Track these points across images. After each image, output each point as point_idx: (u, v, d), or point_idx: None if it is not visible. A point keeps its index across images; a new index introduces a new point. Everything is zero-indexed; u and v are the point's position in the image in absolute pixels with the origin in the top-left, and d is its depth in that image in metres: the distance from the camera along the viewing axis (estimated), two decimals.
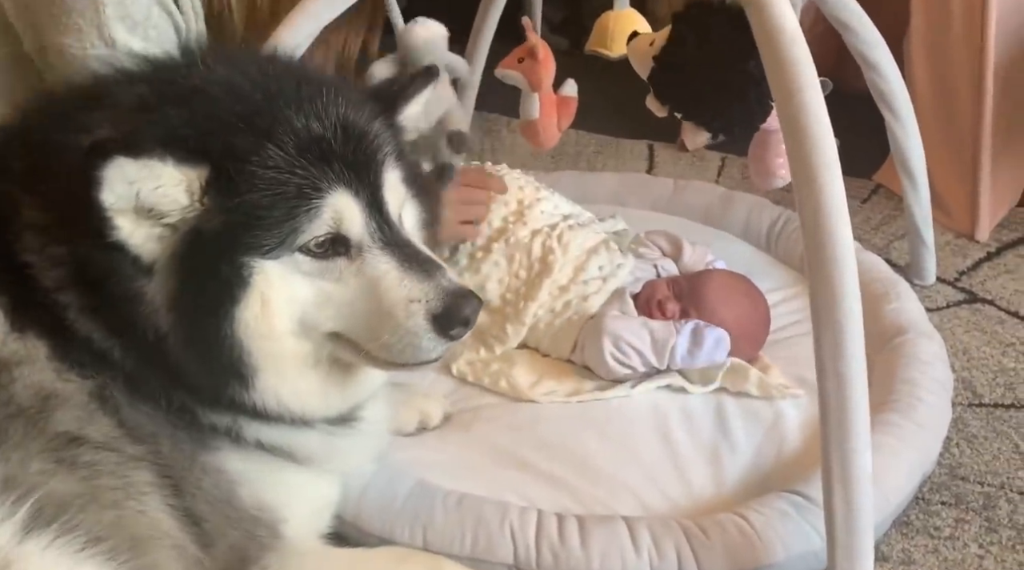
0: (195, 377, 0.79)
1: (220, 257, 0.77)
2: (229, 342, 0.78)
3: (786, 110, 0.87)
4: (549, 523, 0.98)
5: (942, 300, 1.50)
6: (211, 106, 0.79)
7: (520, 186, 1.32)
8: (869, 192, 1.78)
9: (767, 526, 0.97)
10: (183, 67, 0.84)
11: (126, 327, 0.77)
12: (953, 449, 1.20)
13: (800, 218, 0.88)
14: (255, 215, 0.77)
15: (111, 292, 0.76)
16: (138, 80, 0.83)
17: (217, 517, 0.79)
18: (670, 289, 1.26)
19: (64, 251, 0.76)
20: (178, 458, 0.78)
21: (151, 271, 0.77)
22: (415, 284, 0.81)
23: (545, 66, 1.25)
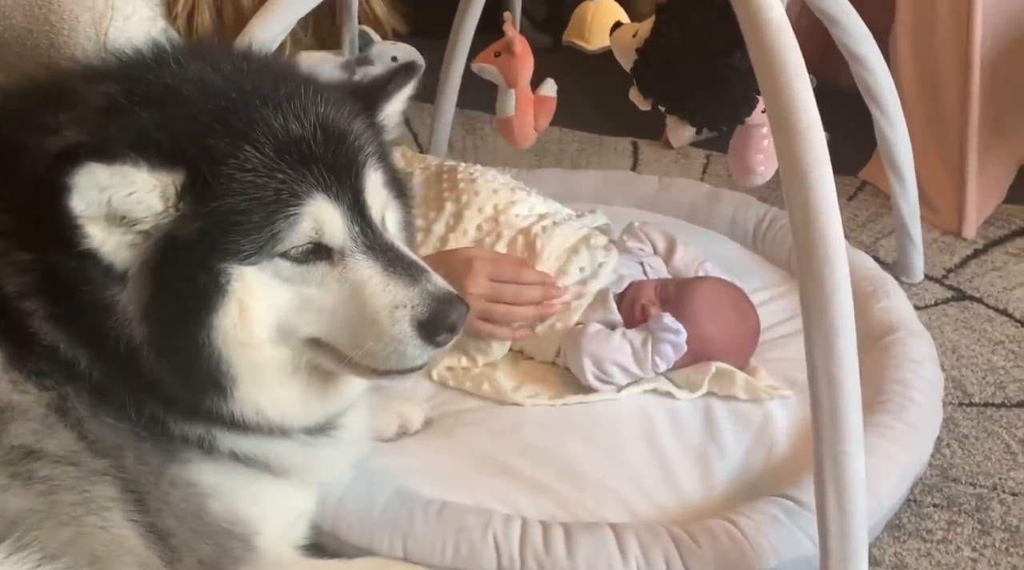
0: (170, 388, 0.75)
1: (196, 264, 0.74)
2: (207, 352, 0.75)
3: (774, 104, 0.84)
4: (534, 531, 0.95)
5: (930, 298, 1.48)
6: (184, 106, 0.75)
7: (494, 189, 1.28)
8: (855, 189, 1.77)
9: (758, 532, 0.95)
10: (153, 64, 0.80)
11: (96, 337, 0.73)
12: (944, 450, 1.18)
13: (789, 215, 0.85)
14: (233, 220, 0.74)
15: (80, 301, 0.72)
16: (105, 78, 0.79)
17: (185, 531, 0.75)
18: (656, 293, 1.22)
19: (29, 257, 0.73)
20: (143, 471, 0.74)
21: (123, 279, 0.73)
22: (400, 289, 0.79)
23: (522, 62, 1.22)
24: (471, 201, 1.25)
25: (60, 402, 0.72)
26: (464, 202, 1.25)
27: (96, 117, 0.74)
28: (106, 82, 0.78)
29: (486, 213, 1.25)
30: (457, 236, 1.23)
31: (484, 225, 1.24)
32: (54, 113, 0.75)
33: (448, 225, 1.24)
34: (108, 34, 1.03)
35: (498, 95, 1.28)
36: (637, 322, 1.19)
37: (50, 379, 0.73)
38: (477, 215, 1.25)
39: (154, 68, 0.79)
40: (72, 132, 0.73)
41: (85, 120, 0.74)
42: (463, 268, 1.14)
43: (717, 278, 1.29)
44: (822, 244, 0.83)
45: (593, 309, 1.21)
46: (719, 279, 1.28)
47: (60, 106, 0.75)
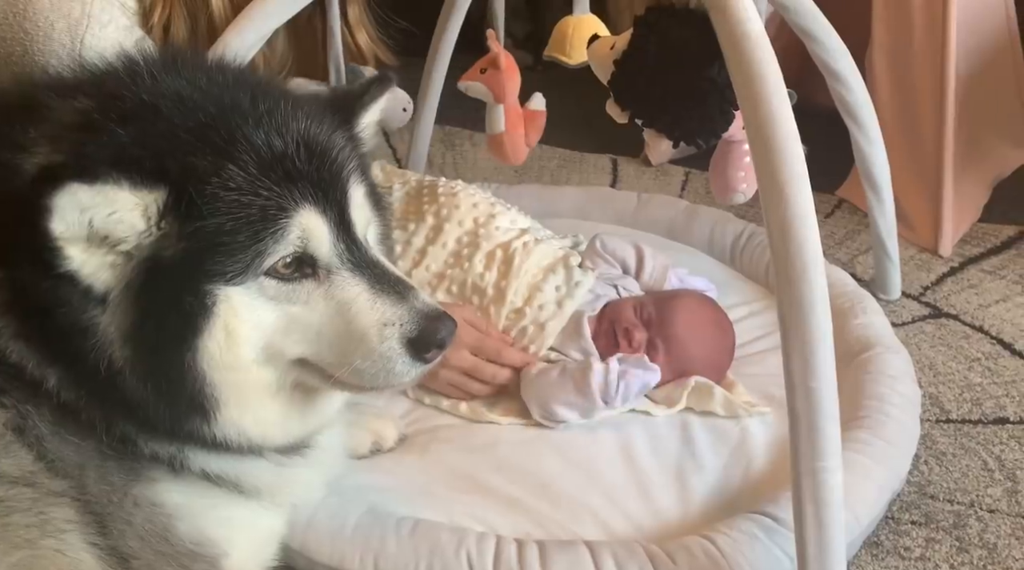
0: (151, 410, 0.73)
1: (181, 286, 0.72)
2: (192, 375, 0.73)
3: (752, 118, 0.84)
4: (508, 549, 0.93)
5: (907, 315, 1.48)
6: (163, 122, 0.73)
7: (474, 204, 1.27)
8: (832, 207, 1.78)
9: (735, 550, 0.94)
10: (127, 78, 0.77)
11: (70, 357, 0.71)
12: (922, 466, 1.18)
13: (767, 229, 0.85)
14: (218, 240, 0.72)
15: (57, 322, 0.70)
16: (78, 91, 0.76)
17: (149, 554, 0.73)
18: (637, 315, 1.19)
19: (1, 275, 0.70)
20: (106, 491, 0.72)
21: (104, 301, 0.71)
22: (388, 307, 0.78)
23: (509, 76, 1.22)
24: (451, 214, 1.24)
25: (19, 421, 0.70)
26: (444, 215, 1.24)
27: (71, 134, 0.72)
28: (79, 96, 0.75)
29: (466, 226, 1.23)
30: (436, 249, 1.22)
31: (464, 237, 1.23)
32: (23, 128, 0.72)
33: (428, 238, 1.23)
34: (84, 42, 1.02)
35: (487, 112, 1.27)
36: (618, 346, 1.17)
37: (9, 397, 0.70)
38: (457, 228, 1.23)
39: (128, 82, 0.77)
40: (45, 150, 0.71)
41: (59, 138, 0.72)
42: None
43: (693, 293, 1.28)
44: (800, 258, 0.83)
45: (567, 333, 1.20)
46: (695, 295, 1.27)
47: (31, 121, 0.73)
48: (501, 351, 1.17)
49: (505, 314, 1.19)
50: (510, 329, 1.20)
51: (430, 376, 1.14)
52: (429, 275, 1.21)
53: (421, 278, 1.20)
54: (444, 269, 1.21)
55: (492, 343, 1.16)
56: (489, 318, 1.19)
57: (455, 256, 1.22)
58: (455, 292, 1.20)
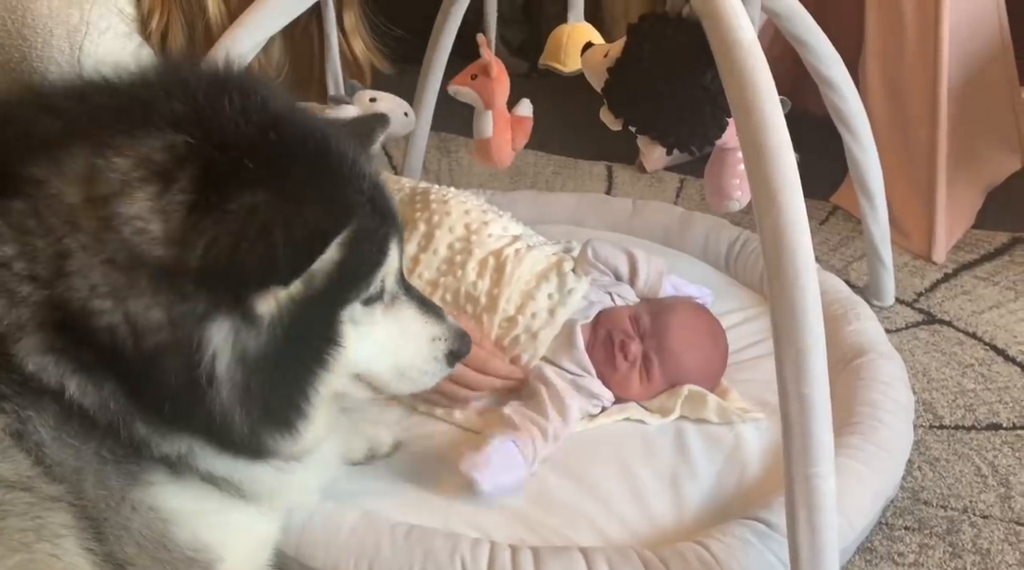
0: (233, 425, 0.73)
1: (315, 316, 0.74)
2: (301, 397, 0.76)
3: (744, 125, 0.85)
4: (502, 555, 0.93)
5: (901, 321, 1.49)
6: (315, 160, 0.74)
7: (466, 210, 1.26)
8: (827, 214, 1.78)
9: (729, 555, 0.94)
10: (229, 111, 0.72)
11: (127, 371, 0.69)
12: (915, 472, 1.18)
13: (760, 235, 0.85)
14: (352, 271, 0.76)
15: (159, 341, 0.68)
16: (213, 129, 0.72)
17: (146, 560, 0.72)
18: (632, 326, 1.19)
19: (43, 295, 0.67)
20: (103, 496, 0.71)
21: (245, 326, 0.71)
22: (434, 325, 0.89)
23: (499, 83, 1.22)
24: (442, 221, 1.24)
25: (18, 426, 0.69)
26: (435, 222, 1.24)
27: (277, 172, 0.70)
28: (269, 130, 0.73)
29: (457, 233, 1.23)
30: (428, 256, 1.22)
31: (456, 244, 1.22)
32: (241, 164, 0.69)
33: (420, 245, 1.23)
34: (83, 48, 1.02)
35: (474, 117, 1.27)
36: (614, 356, 1.17)
37: (9, 403, 0.69)
38: (448, 235, 1.23)
39: (241, 120, 0.73)
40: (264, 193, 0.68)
41: (271, 174, 0.69)
42: None
43: (688, 303, 1.27)
44: (792, 264, 0.83)
45: (560, 342, 1.19)
46: (690, 305, 1.26)
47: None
48: (487, 361, 1.17)
49: (498, 323, 1.19)
50: (503, 338, 1.19)
51: None
52: (422, 283, 1.21)
53: (415, 286, 1.20)
54: (437, 277, 1.21)
55: (480, 352, 1.16)
56: (482, 327, 1.19)
57: (448, 263, 1.21)
58: (449, 300, 1.20)
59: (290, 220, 0.65)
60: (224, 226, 0.65)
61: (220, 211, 0.65)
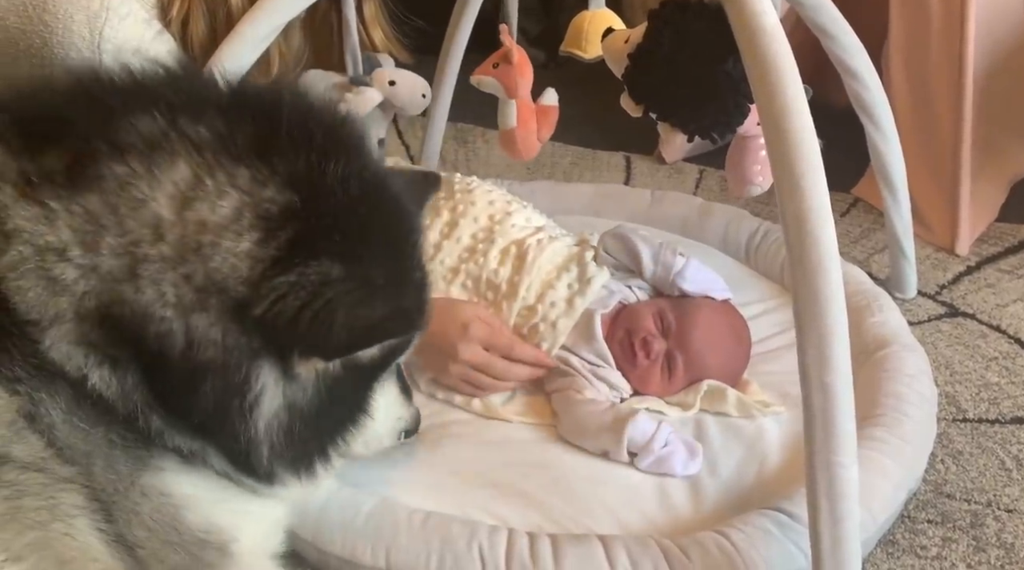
0: (256, 457, 0.75)
1: (354, 385, 0.77)
2: (332, 448, 0.80)
3: (767, 111, 0.84)
4: (520, 542, 0.92)
5: (923, 314, 1.47)
6: (394, 246, 0.76)
7: (491, 201, 1.26)
8: (848, 205, 1.77)
9: (749, 545, 0.93)
10: (335, 175, 0.72)
11: (166, 381, 0.69)
12: (938, 465, 1.16)
13: (782, 222, 0.84)
14: (390, 357, 0.80)
15: (210, 358, 0.68)
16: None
17: (156, 543, 0.72)
18: (656, 324, 1.17)
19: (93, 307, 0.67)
20: (112, 480, 0.71)
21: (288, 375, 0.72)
22: (404, 407, 0.98)
23: (521, 71, 1.21)
24: (467, 210, 1.24)
25: (31, 408, 0.68)
26: (460, 211, 1.24)
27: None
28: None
29: (481, 223, 1.23)
30: (451, 243, 1.21)
31: (479, 233, 1.22)
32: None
33: (442, 233, 1.23)
34: (103, 34, 1.02)
35: (499, 107, 1.26)
36: (636, 356, 1.15)
37: (24, 385, 0.69)
38: (472, 224, 1.23)
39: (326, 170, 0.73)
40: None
41: (354, 250, 0.71)
42: (458, 331, 1.14)
43: (711, 301, 1.23)
44: (815, 251, 0.82)
45: (579, 332, 1.19)
46: (713, 304, 1.23)
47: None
48: (513, 347, 1.16)
49: (517, 310, 1.19)
50: (522, 326, 1.19)
51: (441, 371, 1.15)
52: (443, 269, 1.20)
53: (436, 272, 1.20)
54: (458, 264, 1.21)
55: (504, 339, 1.16)
56: (501, 314, 1.19)
57: (470, 251, 1.21)
58: (469, 287, 1.20)
59: (354, 308, 0.67)
60: (296, 289, 0.66)
61: (298, 274, 0.67)
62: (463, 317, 1.15)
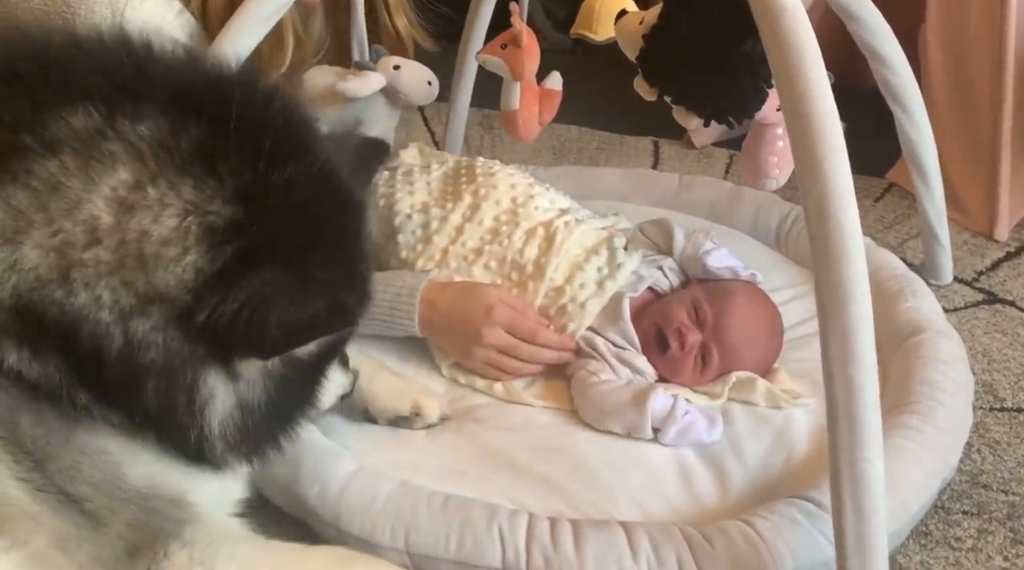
0: (208, 450, 0.75)
1: (302, 378, 0.78)
2: (283, 436, 0.81)
3: (788, 93, 0.81)
4: (541, 527, 0.92)
5: (960, 300, 1.43)
6: (337, 244, 0.77)
7: (513, 184, 1.26)
8: (882, 191, 1.72)
9: (775, 534, 0.91)
10: (282, 183, 0.71)
11: (103, 377, 0.68)
12: (974, 455, 1.13)
13: (804, 207, 0.82)
14: (332, 350, 0.82)
15: (151, 360, 0.68)
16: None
17: (103, 498, 0.71)
18: (691, 316, 1.15)
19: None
20: (43, 434, 0.69)
21: (233, 375, 0.73)
22: (342, 375, 0.95)
23: (529, 54, 1.19)
24: (489, 194, 1.23)
25: None
26: (482, 195, 1.23)
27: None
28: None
29: (503, 206, 1.22)
30: (473, 225, 1.21)
31: (502, 216, 1.22)
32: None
33: (464, 216, 1.22)
34: (124, 15, 1.02)
35: (502, 88, 1.25)
36: (669, 345, 1.14)
37: None
38: (494, 207, 1.22)
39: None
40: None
41: (293, 253, 0.71)
42: (482, 315, 1.13)
43: (748, 292, 1.21)
44: (838, 237, 0.79)
45: (607, 314, 1.18)
46: (750, 294, 1.21)
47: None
48: (537, 331, 1.16)
49: (544, 292, 1.18)
50: (549, 307, 1.18)
51: (465, 355, 1.15)
52: (466, 250, 1.20)
53: (458, 254, 1.20)
54: (481, 245, 1.20)
55: (528, 323, 1.16)
56: (527, 295, 1.18)
57: (493, 233, 1.21)
58: (493, 268, 1.20)
59: (288, 306, 0.67)
60: (235, 293, 0.66)
61: (240, 282, 0.67)
62: (487, 301, 1.15)
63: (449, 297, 1.16)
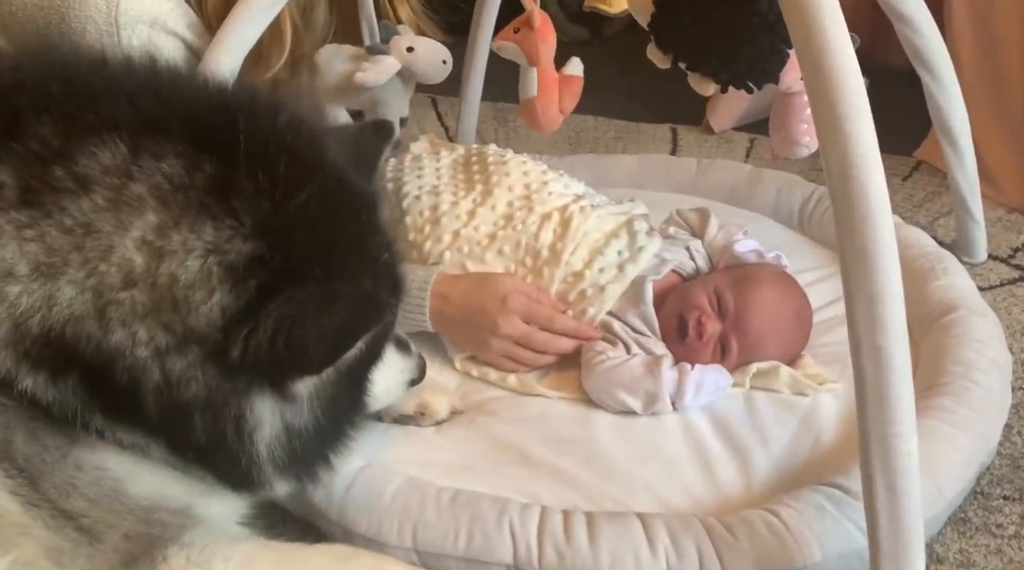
0: (257, 475, 0.76)
1: (349, 385, 0.78)
2: (334, 453, 0.82)
3: (805, 50, 0.77)
4: (554, 520, 0.88)
5: (995, 278, 1.37)
6: (356, 249, 0.75)
7: (525, 171, 1.22)
8: (910, 169, 1.66)
9: (802, 523, 0.87)
10: (301, 212, 0.71)
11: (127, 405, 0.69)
12: (1015, 438, 1.07)
13: (825, 170, 0.77)
14: (374, 348, 0.81)
15: (193, 396, 0.69)
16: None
17: (101, 512, 0.71)
18: (712, 305, 1.10)
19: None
20: (38, 451, 0.69)
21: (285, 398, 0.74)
22: (405, 360, 0.96)
23: (543, 37, 1.15)
24: (501, 181, 1.20)
25: None
26: (494, 182, 1.20)
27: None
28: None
29: (516, 192, 1.19)
30: (486, 210, 1.17)
31: (515, 202, 1.18)
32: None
33: (476, 201, 1.19)
34: (119, 6, 1.01)
35: (520, 75, 1.22)
36: (684, 333, 1.10)
37: None
38: (507, 193, 1.19)
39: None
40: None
41: (314, 271, 0.70)
42: (496, 304, 1.10)
43: (773, 277, 1.16)
44: (863, 201, 0.74)
45: (627, 297, 1.14)
46: (776, 279, 1.16)
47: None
48: (554, 318, 1.12)
49: (561, 277, 1.15)
50: (567, 293, 1.15)
51: (481, 347, 1.12)
52: (479, 235, 1.16)
53: (470, 238, 1.16)
54: (495, 230, 1.17)
55: (544, 310, 1.12)
56: (542, 280, 1.15)
57: (506, 218, 1.17)
58: (507, 253, 1.16)
59: (321, 318, 0.67)
60: (264, 322, 0.66)
61: (266, 311, 0.66)
62: (501, 290, 1.11)
63: (461, 289, 1.13)
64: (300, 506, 0.95)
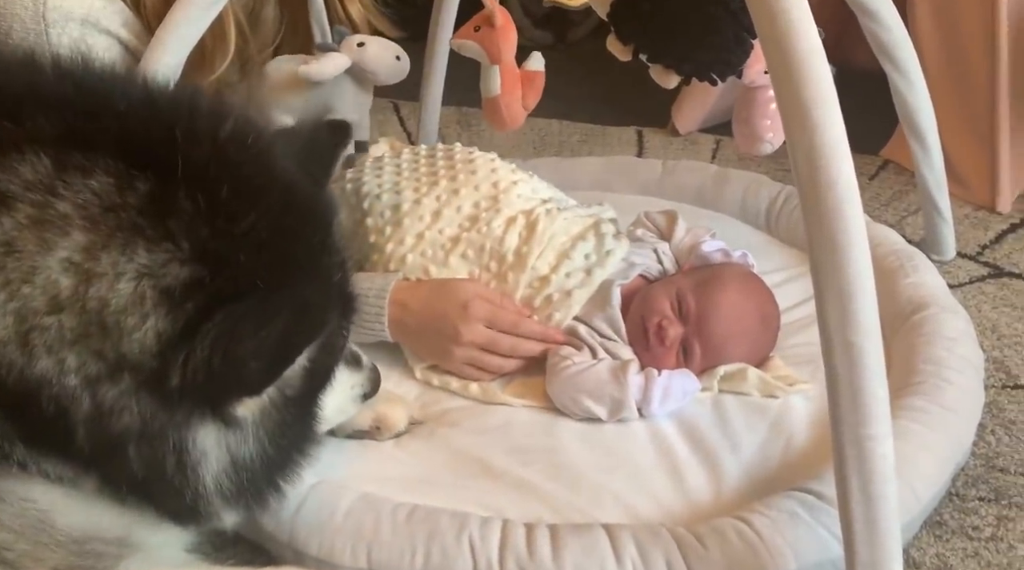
0: (204, 507, 0.72)
1: (297, 409, 0.74)
2: (284, 479, 0.78)
3: (769, 35, 0.74)
4: (516, 534, 0.84)
5: (964, 275, 1.36)
6: (301, 263, 0.70)
7: (493, 169, 1.18)
8: (877, 168, 1.66)
9: (774, 531, 0.83)
10: (243, 232, 0.66)
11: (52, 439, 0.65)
12: (988, 437, 1.05)
13: (792, 162, 0.75)
14: (323, 366, 0.76)
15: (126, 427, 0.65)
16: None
17: (26, 545, 0.66)
18: (674, 308, 1.08)
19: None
20: None
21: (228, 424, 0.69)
22: (355, 374, 0.91)
23: (504, 35, 1.13)
24: (468, 179, 1.16)
25: None
26: (461, 181, 1.16)
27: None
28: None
29: (483, 192, 1.15)
30: (451, 211, 1.13)
31: (482, 202, 1.14)
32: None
33: (441, 200, 1.14)
34: (47, 3, 0.96)
35: (481, 74, 1.19)
36: (647, 338, 1.07)
37: None
38: (474, 193, 1.15)
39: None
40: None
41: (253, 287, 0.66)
42: (458, 311, 1.06)
43: (739, 278, 1.14)
44: (831, 192, 0.72)
45: (594, 302, 1.11)
46: (742, 280, 1.14)
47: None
48: (518, 323, 1.09)
49: (526, 282, 1.11)
50: (533, 298, 1.11)
51: (444, 356, 1.07)
52: (443, 238, 1.12)
53: (434, 241, 1.12)
54: (459, 233, 1.13)
55: (508, 315, 1.08)
56: (506, 285, 1.11)
57: (471, 220, 1.13)
58: (471, 257, 1.12)
59: (259, 331, 0.62)
60: (201, 343, 0.62)
61: (203, 332, 0.62)
62: (462, 296, 1.07)
63: (421, 296, 1.09)
64: (249, 528, 0.89)
